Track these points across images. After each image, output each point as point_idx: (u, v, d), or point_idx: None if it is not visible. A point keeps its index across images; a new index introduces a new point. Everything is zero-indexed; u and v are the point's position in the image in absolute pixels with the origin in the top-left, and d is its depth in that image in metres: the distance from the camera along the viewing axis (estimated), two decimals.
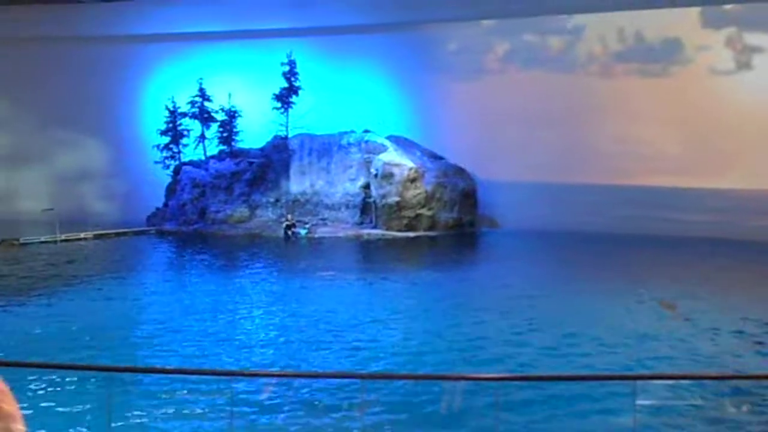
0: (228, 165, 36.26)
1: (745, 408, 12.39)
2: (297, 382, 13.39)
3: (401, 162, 34.87)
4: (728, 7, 34.95)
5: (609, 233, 32.83)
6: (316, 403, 12.56)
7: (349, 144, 35.86)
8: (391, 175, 34.62)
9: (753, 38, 34.45)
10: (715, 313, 19.06)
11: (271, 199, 35.87)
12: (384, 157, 35.01)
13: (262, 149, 36.77)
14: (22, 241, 32.13)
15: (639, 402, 9.54)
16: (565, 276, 24.59)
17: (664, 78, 35.35)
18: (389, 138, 36.07)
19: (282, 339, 17.17)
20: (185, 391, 12.93)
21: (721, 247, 29.83)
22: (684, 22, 35.06)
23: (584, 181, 35.09)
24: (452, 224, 35.00)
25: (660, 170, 34.68)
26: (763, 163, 33.15)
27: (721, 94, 34.36)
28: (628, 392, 10.03)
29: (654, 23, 35.25)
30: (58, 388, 12.94)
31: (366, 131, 36.14)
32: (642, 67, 35.78)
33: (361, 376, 12.30)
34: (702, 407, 12.34)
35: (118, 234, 34.37)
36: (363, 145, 35.61)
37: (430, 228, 34.61)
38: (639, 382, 9.96)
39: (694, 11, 35.05)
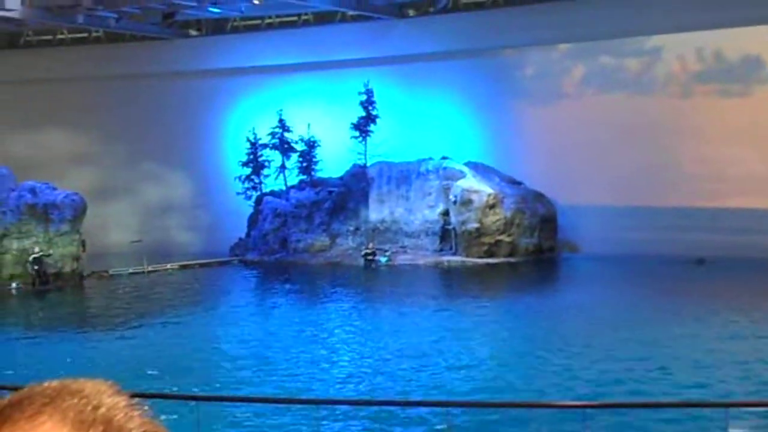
0: (308, 194, 38.28)
1: None
2: None
3: (480, 188, 36.34)
4: None
5: (689, 255, 33.76)
6: None
7: (428, 171, 37.48)
8: (470, 201, 36.09)
9: None
10: None
11: (351, 228, 37.68)
12: (462, 183, 36.51)
13: (341, 178, 38.66)
14: (111, 272, 34.56)
15: (731, 430, 9.78)
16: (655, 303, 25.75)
17: (746, 97, 36.13)
18: (467, 164, 37.56)
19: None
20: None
21: None
22: (764, 39, 35.79)
23: (666, 203, 36.04)
24: (532, 250, 36.30)
25: (744, 191, 35.39)
26: None
27: None
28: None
29: (733, 41, 36.00)
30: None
31: (444, 158, 37.73)
32: (722, 86, 36.66)
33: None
34: None
35: (202, 264, 36.51)
36: (441, 171, 37.17)
37: (510, 254, 35.94)
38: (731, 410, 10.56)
39: None
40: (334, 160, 38.95)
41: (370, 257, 35.88)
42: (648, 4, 35.23)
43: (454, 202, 36.39)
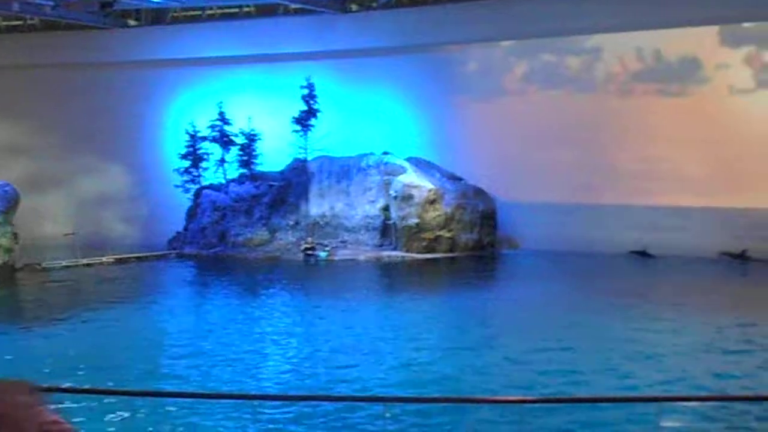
0: (248, 188, 38.24)
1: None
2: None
3: (420, 184, 36.67)
4: (747, 25, 36.58)
5: (626, 252, 34.89)
6: None
7: (369, 166, 37.66)
8: (411, 196, 36.41)
9: None
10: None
11: (291, 222, 37.70)
12: (403, 178, 36.82)
13: (281, 172, 38.65)
14: (44, 265, 34.10)
15: (663, 424, 9.95)
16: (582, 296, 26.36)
17: (684, 97, 36.99)
18: (408, 160, 37.86)
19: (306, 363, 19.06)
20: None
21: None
22: (702, 40, 36.68)
23: (604, 201, 36.72)
24: (472, 245, 36.74)
25: (681, 189, 36.23)
26: None
27: (741, 112, 35.91)
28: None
29: (672, 42, 36.91)
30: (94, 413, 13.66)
31: (385, 153, 37.98)
32: (661, 86, 37.49)
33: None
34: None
35: (138, 258, 36.15)
36: (382, 167, 37.39)
37: (450, 250, 36.31)
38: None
39: (713, 30, 36.70)
40: (275, 154, 38.92)
41: (309, 252, 35.99)
42: (589, 4, 35.95)
43: (395, 198, 36.66)
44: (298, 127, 38.50)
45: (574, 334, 20.60)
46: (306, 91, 38.50)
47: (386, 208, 37.02)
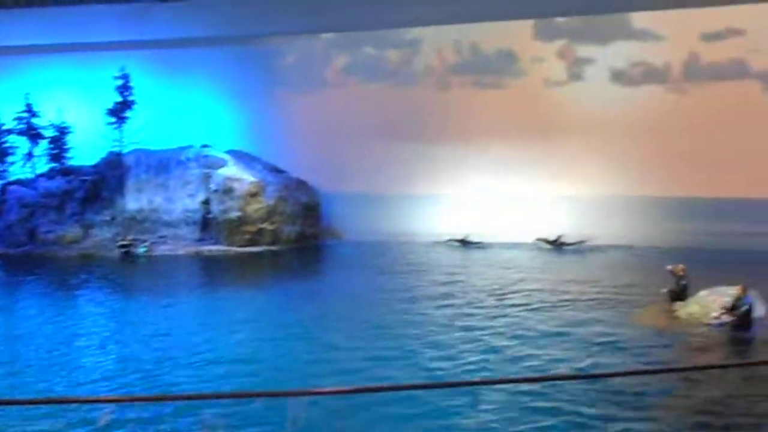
0: (58, 183, 36.59)
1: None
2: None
3: (242, 176, 36.16)
4: (560, 19, 38.03)
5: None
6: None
7: (188, 159, 36.81)
8: (232, 189, 35.84)
9: (583, 50, 37.61)
10: None
11: (107, 218, 36.35)
12: (224, 171, 36.21)
13: (95, 166, 37.20)
14: None
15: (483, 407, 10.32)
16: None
17: (500, 89, 38.08)
18: (229, 152, 37.29)
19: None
20: None
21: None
22: (518, 34, 37.89)
23: (425, 192, 37.33)
24: (295, 238, 36.49)
25: (503, 180, 37.19)
26: (594, 170, 36.08)
27: (555, 104, 37.25)
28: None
29: (488, 36, 37.97)
30: None
31: (205, 146, 37.26)
32: (478, 78, 38.45)
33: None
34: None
35: None
36: (202, 159, 36.64)
37: (273, 242, 35.94)
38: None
39: (528, 23, 37.96)
40: (89, 147, 37.47)
41: (126, 248, 34.77)
42: None
43: (216, 191, 36.01)
44: (113, 120, 37.23)
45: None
46: (120, 82, 37.32)
47: (207, 202, 36.31)
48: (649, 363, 16.69)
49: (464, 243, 35.90)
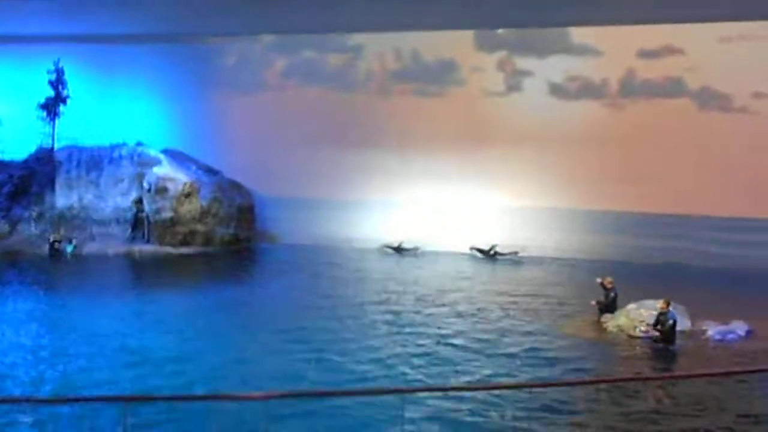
0: None
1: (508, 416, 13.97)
2: None
3: (176, 176, 35.65)
4: (500, 31, 38.35)
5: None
6: None
7: (121, 156, 36.20)
8: (165, 189, 35.31)
9: (523, 62, 37.96)
10: None
11: (34, 214, 35.58)
12: (158, 170, 35.66)
13: (25, 161, 36.34)
14: None
15: (408, 415, 10.31)
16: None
17: (440, 98, 38.23)
18: (163, 151, 36.76)
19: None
20: None
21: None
22: (459, 44, 38.11)
23: (362, 197, 37.27)
24: (228, 240, 36.10)
25: (437, 187, 37.32)
26: (530, 182, 36.39)
27: (493, 114, 37.51)
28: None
29: (430, 44, 38.12)
30: None
31: (139, 144, 36.68)
32: (419, 86, 38.55)
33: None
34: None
35: None
36: (136, 158, 36.05)
37: (206, 244, 35.50)
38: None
39: (469, 34, 38.19)
40: (19, 141, 36.67)
41: (55, 245, 34.00)
42: (350, 3, 36.31)
43: (149, 190, 35.46)
44: (44, 114, 36.46)
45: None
46: (54, 76, 36.58)
47: (139, 201, 35.73)
48: (576, 374, 16.78)
49: (398, 250, 35.90)
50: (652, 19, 34.35)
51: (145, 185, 35.44)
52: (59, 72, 36.70)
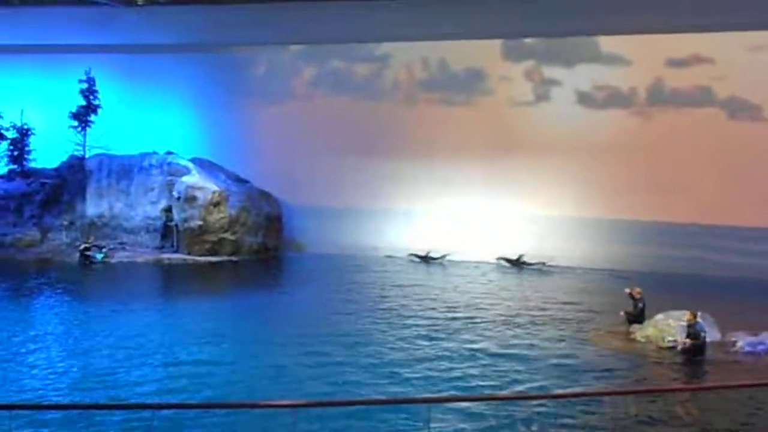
0: (18, 185, 36.09)
1: (535, 427, 13.98)
2: None
3: (205, 185, 35.87)
4: (528, 40, 38.29)
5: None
6: None
7: (151, 166, 36.51)
8: (194, 198, 35.55)
9: (551, 71, 37.87)
10: None
11: (65, 222, 35.97)
12: (187, 179, 35.91)
13: (56, 169, 36.79)
14: None
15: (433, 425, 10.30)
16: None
17: (467, 107, 38.23)
18: (193, 160, 37.03)
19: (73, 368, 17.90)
20: None
21: None
22: (486, 53, 38.08)
23: (391, 206, 37.31)
24: (256, 248, 36.28)
25: (466, 196, 37.29)
26: (557, 191, 36.26)
27: (521, 123, 37.44)
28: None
29: (457, 54, 38.13)
30: None
31: (169, 153, 37.01)
32: (446, 96, 38.58)
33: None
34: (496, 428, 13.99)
35: None
36: (165, 167, 36.32)
37: (234, 252, 35.70)
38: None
39: (496, 43, 38.18)
40: (51, 150, 37.09)
41: (86, 253, 34.34)
42: (378, 12, 36.52)
43: (178, 199, 35.71)
44: (76, 123, 36.91)
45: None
46: (85, 86, 37.04)
47: (168, 210, 36.03)
48: (605, 384, 16.79)
49: (425, 259, 35.94)
50: (681, 28, 34.19)
51: (175, 194, 35.70)
52: (90, 81, 37.12)
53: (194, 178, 35.98)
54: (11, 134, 37.28)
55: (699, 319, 19.53)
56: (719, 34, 34.05)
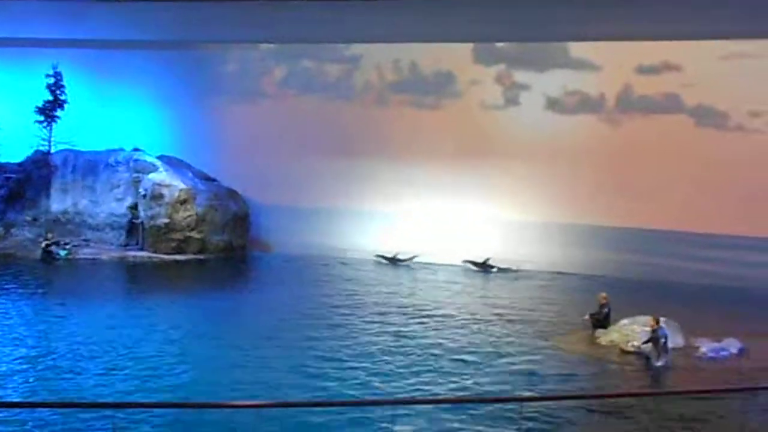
0: None
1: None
2: None
3: (172, 183, 35.47)
4: (499, 45, 38.32)
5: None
6: None
7: (117, 162, 36.06)
8: (161, 195, 35.17)
9: (521, 76, 37.90)
10: None
11: (29, 218, 35.50)
12: (154, 177, 35.51)
13: (20, 164, 36.24)
14: None
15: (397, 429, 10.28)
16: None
17: (437, 110, 38.17)
18: (160, 158, 36.65)
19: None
20: None
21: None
22: (457, 56, 38.05)
23: (359, 207, 37.15)
24: (223, 247, 35.96)
25: (436, 198, 37.19)
26: (525, 195, 36.26)
27: (491, 127, 37.41)
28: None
29: (428, 56, 38.11)
30: None
31: (136, 150, 36.61)
32: (416, 98, 38.50)
33: None
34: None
35: None
36: (132, 164, 35.89)
37: (200, 251, 35.34)
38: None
39: (468, 47, 38.15)
40: (16, 144, 36.55)
41: (48, 249, 33.86)
42: (349, 13, 36.26)
43: (144, 196, 35.33)
44: (42, 118, 36.40)
45: None
46: (52, 80, 36.54)
47: (134, 207, 35.61)
48: (566, 388, 16.71)
49: (393, 261, 35.79)
50: (651, 36, 34.32)
51: (141, 191, 35.31)
52: (57, 76, 36.62)
53: (161, 176, 35.60)
54: None
55: (662, 325, 19.55)
56: (689, 42, 34.23)
